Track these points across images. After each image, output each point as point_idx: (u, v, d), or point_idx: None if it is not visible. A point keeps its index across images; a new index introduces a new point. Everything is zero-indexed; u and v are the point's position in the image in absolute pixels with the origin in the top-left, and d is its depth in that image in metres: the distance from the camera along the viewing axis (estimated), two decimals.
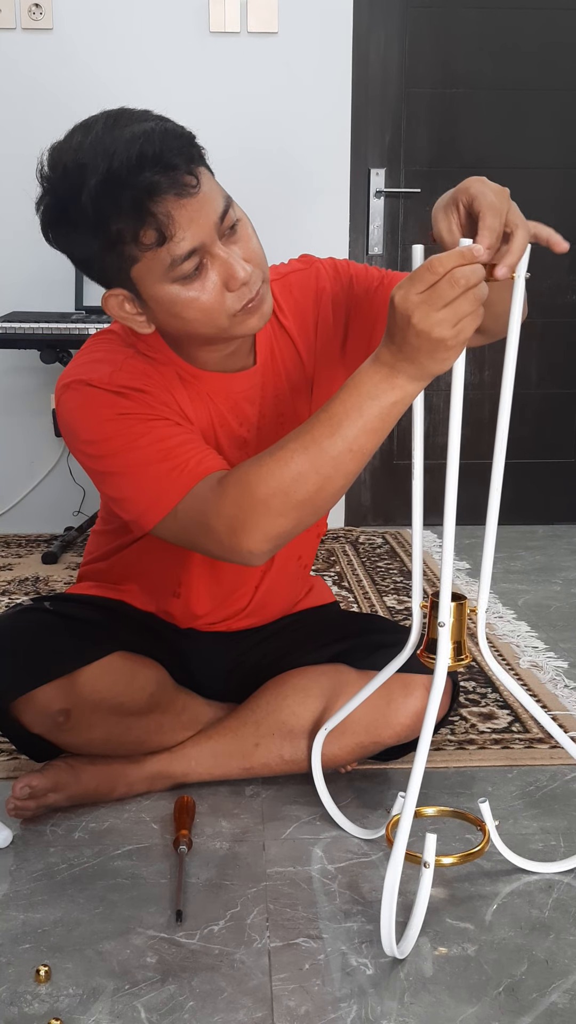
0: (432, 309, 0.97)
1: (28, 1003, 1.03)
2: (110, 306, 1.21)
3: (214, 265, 1.14)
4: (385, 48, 3.07)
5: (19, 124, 2.97)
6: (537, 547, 3.01)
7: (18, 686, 1.34)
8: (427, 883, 1.07)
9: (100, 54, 2.95)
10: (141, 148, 1.08)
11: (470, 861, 1.25)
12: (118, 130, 1.10)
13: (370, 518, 3.33)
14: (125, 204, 1.09)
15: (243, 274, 1.15)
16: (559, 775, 1.53)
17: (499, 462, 1.12)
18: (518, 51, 3.09)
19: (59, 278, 3.00)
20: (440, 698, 1.10)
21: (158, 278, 1.15)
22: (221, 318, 1.17)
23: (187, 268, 1.13)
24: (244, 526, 1.13)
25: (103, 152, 1.09)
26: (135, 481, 1.20)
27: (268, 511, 1.11)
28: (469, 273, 0.96)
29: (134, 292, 1.18)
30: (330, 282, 1.36)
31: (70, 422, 1.25)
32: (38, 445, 3.17)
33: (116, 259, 1.14)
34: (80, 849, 1.33)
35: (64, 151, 1.13)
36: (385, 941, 1.07)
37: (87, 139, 1.11)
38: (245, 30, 2.99)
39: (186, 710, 1.49)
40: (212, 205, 1.13)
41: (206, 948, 1.12)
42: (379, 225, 3.16)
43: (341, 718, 1.33)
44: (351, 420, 1.06)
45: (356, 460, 1.09)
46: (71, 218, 1.13)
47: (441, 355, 1.00)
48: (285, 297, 1.36)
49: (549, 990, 1.05)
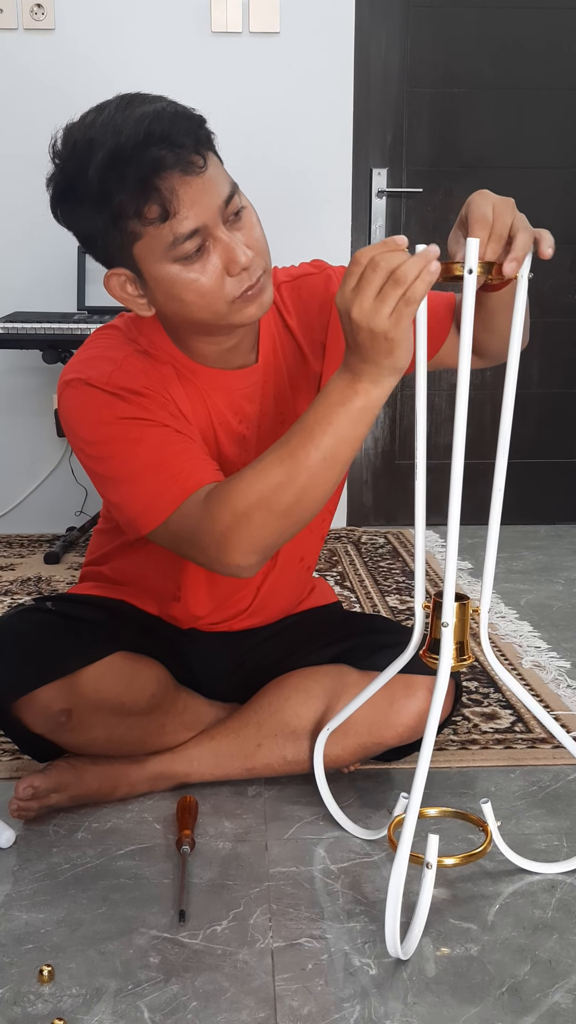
0: (364, 300, 1.00)
1: (31, 1003, 1.04)
2: (111, 286, 1.21)
3: (216, 248, 1.15)
4: (387, 48, 3.07)
5: (21, 125, 2.97)
6: (539, 547, 3.01)
7: (20, 686, 1.33)
8: (429, 884, 1.07)
9: (102, 54, 2.95)
10: (149, 126, 1.09)
11: (472, 862, 1.25)
12: (130, 110, 1.12)
13: (372, 518, 3.33)
14: (130, 179, 1.10)
15: (244, 259, 1.15)
16: (562, 775, 1.53)
17: (502, 462, 1.12)
18: (520, 51, 3.09)
19: (61, 278, 3.00)
20: (443, 698, 1.10)
21: (159, 257, 1.15)
22: (219, 303, 1.18)
23: (188, 248, 1.14)
24: (229, 541, 1.14)
25: (112, 129, 1.10)
26: (131, 487, 1.21)
27: (250, 524, 1.13)
28: (390, 257, 0.98)
29: (135, 271, 1.19)
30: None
31: (71, 420, 1.26)
32: (40, 445, 3.17)
33: (119, 235, 1.15)
34: (83, 849, 1.33)
35: (76, 129, 1.15)
36: (389, 942, 1.07)
37: (99, 118, 1.13)
38: (247, 30, 2.99)
39: (188, 710, 1.49)
40: (217, 188, 1.14)
41: (209, 948, 1.12)
42: (381, 225, 3.16)
43: (343, 718, 1.33)
44: (322, 429, 1.09)
45: (332, 469, 1.11)
46: (78, 193, 1.14)
47: (385, 347, 1.02)
48: (293, 298, 1.36)
49: (552, 990, 1.05)
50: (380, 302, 0.99)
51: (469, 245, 1.00)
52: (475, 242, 1.00)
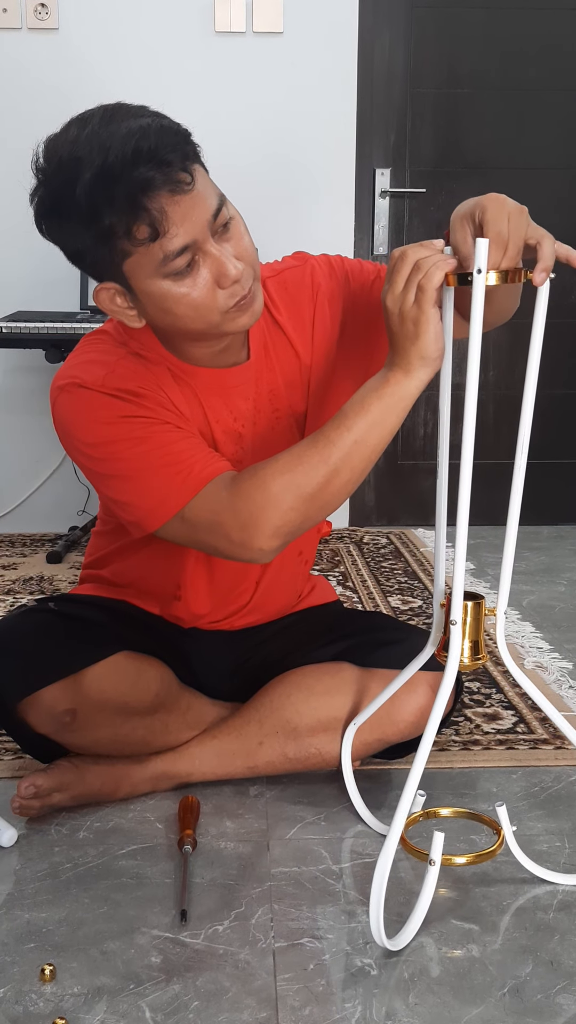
0: (395, 288, 1.09)
1: (33, 1002, 1.04)
2: (101, 299, 1.21)
3: (206, 262, 1.15)
4: (390, 48, 3.07)
5: (24, 124, 2.96)
6: (542, 548, 3.01)
7: (24, 686, 1.34)
8: (432, 880, 1.07)
9: (105, 54, 2.95)
10: (137, 144, 1.08)
11: (482, 862, 1.25)
12: (114, 125, 1.11)
13: (374, 518, 3.33)
14: (119, 199, 1.09)
15: (235, 272, 1.15)
16: (564, 776, 1.53)
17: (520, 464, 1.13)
18: (523, 52, 3.08)
19: (63, 278, 3.00)
20: (448, 694, 1.11)
21: (150, 273, 1.15)
22: (212, 314, 1.18)
23: (179, 264, 1.14)
24: (256, 522, 1.17)
25: (98, 146, 1.09)
26: (140, 485, 1.21)
27: (279, 505, 1.16)
28: (418, 250, 1.09)
29: (126, 286, 1.19)
30: (325, 279, 1.37)
31: (68, 424, 1.26)
32: (42, 444, 3.17)
33: (108, 253, 1.15)
34: (84, 849, 1.33)
35: (60, 143, 1.14)
36: (374, 928, 1.07)
37: (83, 133, 1.12)
38: (250, 30, 2.99)
39: (191, 709, 1.49)
40: (206, 203, 1.14)
41: (211, 948, 1.12)
42: (384, 225, 3.16)
43: (369, 714, 1.34)
44: (355, 413, 1.16)
45: (362, 453, 1.16)
46: (64, 210, 1.14)
47: (412, 332, 1.10)
48: (280, 293, 1.36)
49: (554, 992, 1.05)
50: (407, 289, 1.09)
51: (479, 246, 1.02)
52: (484, 242, 1.02)
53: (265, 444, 1.33)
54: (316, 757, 1.44)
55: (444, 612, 1.16)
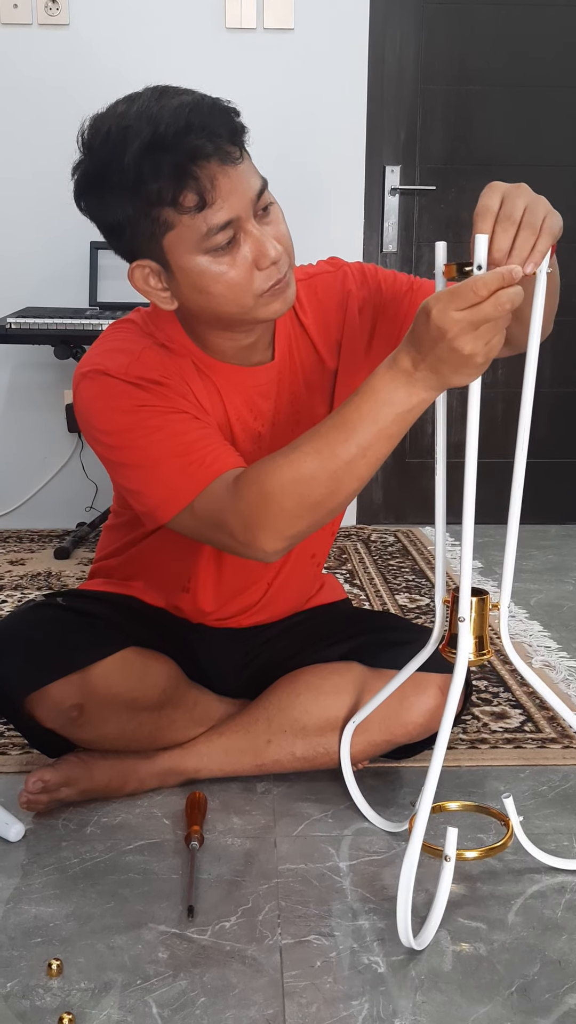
0: (472, 328, 0.97)
1: (40, 997, 1.04)
2: (135, 278, 1.21)
3: (247, 240, 1.15)
4: (401, 45, 3.07)
5: (34, 120, 2.97)
6: (550, 546, 3.00)
7: (32, 681, 1.34)
8: (448, 876, 1.07)
9: (116, 50, 2.95)
10: (188, 116, 1.10)
11: (493, 855, 1.25)
12: (165, 100, 1.12)
13: (382, 516, 3.32)
14: (168, 166, 1.10)
15: (274, 253, 1.16)
16: (572, 775, 1.53)
17: (520, 461, 1.12)
18: (534, 49, 3.07)
19: (73, 274, 3.00)
20: (460, 692, 1.11)
21: (190, 248, 1.15)
22: (247, 297, 1.18)
23: (220, 240, 1.14)
24: (259, 525, 1.14)
25: (148, 119, 1.10)
26: (152, 474, 1.21)
27: (282, 512, 1.12)
28: (513, 295, 0.96)
29: (162, 263, 1.18)
30: (357, 286, 1.36)
31: (87, 411, 1.26)
32: (51, 440, 3.18)
33: (150, 224, 1.15)
34: (92, 844, 1.33)
35: (107, 118, 1.15)
36: (401, 931, 1.07)
37: (132, 108, 1.13)
38: (261, 26, 2.98)
39: (198, 706, 1.49)
40: (251, 181, 1.15)
41: (218, 944, 1.12)
42: (394, 223, 3.15)
43: (367, 713, 1.33)
44: (365, 425, 1.07)
45: (369, 465, 1.10)
46: (109, 181, 1.14)
47: (468, 371, 1.02)
48: (309, 297, 1.36)
49: (562, 991, 1.05)
50: (485, 331, 0.98)
51: (477, 241, 0.99)
52: (483, 238, 0.99)
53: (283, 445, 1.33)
54: (324, 756, 1.43)
55: (446, 608, 1.16)
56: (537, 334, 1.08)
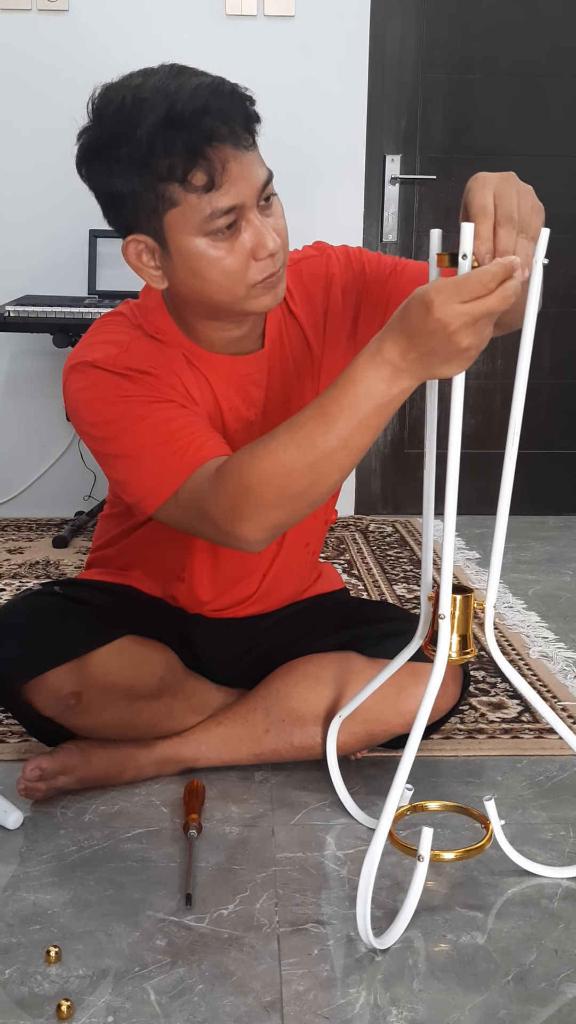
0: (474, 321, 0.95)
1: (38, 983, 1.04)
2: (128, 252, 1.20)
3: (247, 229, 1.15)
4: (402, 33, 3.05)
5: (34, 105, 2.95)
6: (548, 537, 3.00)
7: (29, 669, 1.34)
8: (420, 877, 1.06)
9: (115, 36, 2.94)
10: (208, 98, 1.10)
11: (471, 858, 1.23)
12: (183, 78, 1.12)
13: (380, 506, 3.32)
14: (182, 144, 1.10)
15: (272, 245, 1.16)
16: (569, 765, 1.53)
17: (511, 452, 1.11)
18: (536, 37, 3.06)
19: (72, 262, 2.99)
20: (437, 691, 1.09)
21: (191, 228, 1.15)
22: (239, 286, 1.17)
23: (221, 224, 1.14)
24: (240, 516, 1.12)
25: (166, 94, 1.10)
26: (137, 464, 1.20)
27: (262, 503, 1.10)
28: (516, 287, 0.95)
29: (160, 241, 1.18)
30: (340, 269, 1.36)
31: (75, 403, 1.26)
32: (50, 429, 3.17)
33: (154, 199, 1.14)
34: (90, 832, 1.33)
35: (121, 88, 1.14)
36: (361, 929, 1.07)
37: (148, 81, 1.13)
38: (262, 13, 2.97)
39: (196, 694, 1.49)
40: (258, 170, 1.16)
41: (215, 932, 1.12)
42: (394, 212, 3.14)
43: (355, 705, 1.32)
44: (345, 416, 1.03)
45: (350, 456, 1.07)
46: (117, 150, 1.13)
47: (458, 363, 0.99)
48: (295, 283, 1.35)
49: (558, 980, 1.05)
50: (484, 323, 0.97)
51: (464, 230, 0.97)
52: (469, 227, 0.97)
53: None
54: (322, 746, 1.44)
55: (431, 605, 1.15)
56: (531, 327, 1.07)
